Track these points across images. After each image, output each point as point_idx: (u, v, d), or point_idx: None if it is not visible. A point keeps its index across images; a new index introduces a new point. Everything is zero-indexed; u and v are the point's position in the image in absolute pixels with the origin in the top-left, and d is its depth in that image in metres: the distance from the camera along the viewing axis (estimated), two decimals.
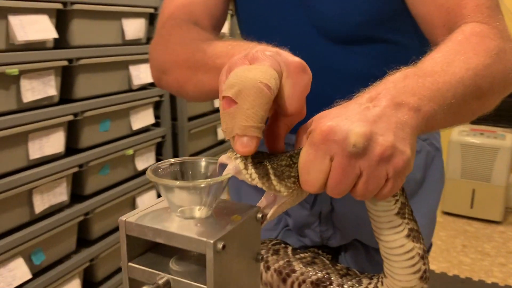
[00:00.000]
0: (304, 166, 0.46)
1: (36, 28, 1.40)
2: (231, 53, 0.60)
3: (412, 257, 0.54)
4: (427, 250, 0.94)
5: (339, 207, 0.85)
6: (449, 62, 0.55)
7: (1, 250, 1.36)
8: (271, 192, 0.49)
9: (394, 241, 0.54)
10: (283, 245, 0.71)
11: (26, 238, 1.44)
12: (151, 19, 1.91)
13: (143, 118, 1.91)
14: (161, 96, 1.99)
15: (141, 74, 1.85)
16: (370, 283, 0.62)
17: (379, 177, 0.45)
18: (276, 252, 0.69)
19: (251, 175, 0.45)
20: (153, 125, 1.99)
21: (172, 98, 2.06)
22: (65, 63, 1.53)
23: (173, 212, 0.46)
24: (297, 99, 0.49)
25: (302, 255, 0.69)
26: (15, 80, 1.39)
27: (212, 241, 0.41)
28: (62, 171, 1.55)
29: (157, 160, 2.02)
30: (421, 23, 0.71)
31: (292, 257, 0.68)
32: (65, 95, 1.60)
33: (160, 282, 0.43)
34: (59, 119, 1.52)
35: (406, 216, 0.54)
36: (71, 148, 1.65)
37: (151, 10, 1.87)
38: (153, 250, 0.49)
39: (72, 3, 1.51)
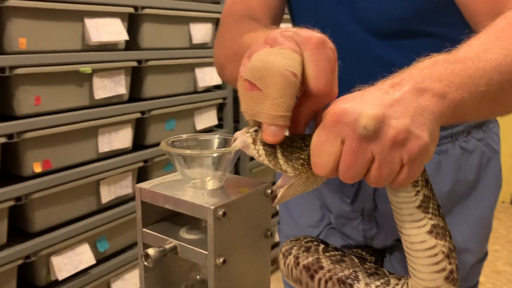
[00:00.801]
0: (315, 148, 0.46)
1: (109, 30, 1.51)
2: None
3: (435, 255, 0.51)
4: (482, 258, 0.88)
5: (382, 204, 0.83)
6: (487, 48, 0.53)
7: (70, 235, 1.47)
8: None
9: (415, 236, 0.51)
10: (315, 243, 0.71)
11: (92, 226, 1.54)
12: (218, 24, 1.98)
13: (206, 119, 1.97)
14: (224, 98, 2.05)
15: (206, 76, 1.92)
16: (397, 284, 0.60)
17: (392, 162, 0.44)
18: (307, 250, 0.69)
19: (258, 151, 0.46)
20: (216, 126, 2.06)
21: (235, 101, 2.11)
22: (135, 64, 1.63)
23: (186, 183, 0.49)
24: (323, 76, 0.47)
25: (332, 253, 0.68)
26: (88, 78, 1.50)
27: (212, 207, 0.42)
28: (128, 165, 1.64)
29: None
30: (465, 12, 0.69)
31: (322, 254, 0.68)
32: (134, 94, 1.70)
33: (167, 246, 0.46)
34: (127, 116, 1.62)
35: (430, 210, 0.51)
36: (138, 144, 1.74)
37: (218, 16, 1.94)
38: (168, 219, 0.51)
39: (143, 8, 1.61)
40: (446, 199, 0.80)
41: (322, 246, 0.70)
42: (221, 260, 0.43)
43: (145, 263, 0.44)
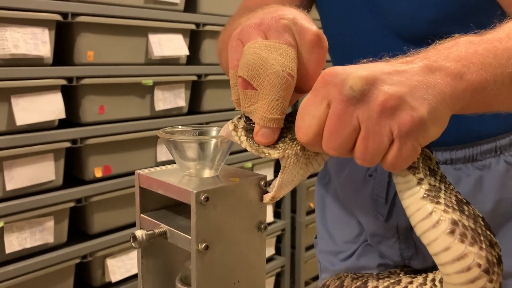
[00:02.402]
0: (300, 111, 0.42)
1: (171, 45, 1.59)
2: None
3: (468, 269, 0.39)
4: None
5: None
6: None
7: (125, 239, 1.53)
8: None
9: (435, 242, 0.41)
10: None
11: None
12: None
13: None
14: None
15: None
16: (411, 282, 0.55)
17: (380, 133, 0.39)
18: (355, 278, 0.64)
19: (240, 138, 0.46)
20: None
21: None
22: (195, 78, 1.69)
23: (183, 172, 0.50)
24: (311, 78, 0.45)
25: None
26: (150, 90, 1.58)
27: (195, 191, 0.43)
28: None
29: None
30: (505, 5, 0.64)
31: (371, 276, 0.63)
32: (193, 107, 1.76)
33: (157, 231, 0.47)
34: None
35: (442, 201, 0.42)
36: None
37: None
38: (169, 208, 0.52)
39: (204, 25, 1.68)
40: (490, 219, 0.73)
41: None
42: (204, 245, 0.43)
43: (133, 244, 0.45)
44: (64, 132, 1.37)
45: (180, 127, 0.51)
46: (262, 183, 0.48)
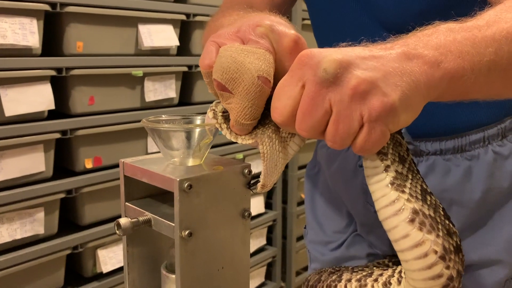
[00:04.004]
0: (276, 92, 0.43)
1: (161, 36, 1.58)
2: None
3: (425, 255, 0.41)
4: None
5: None
6: (500, 18, 0.48)
7: (111, 231, 1.53)
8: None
9: (396, 229, 0.42)
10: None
11: None
12: None
13: None
14: None
15: None
16: (381, 274, 0.55)
17: (350, 117, 0.40)
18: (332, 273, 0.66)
19: (220, 125, 0.46)
20: None
21: None
22: (185, 69, 1.69)
23: (167, 161, 0.50)
24: None
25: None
26: (140, 81, 1.58)
27: (178, 179, 0.43)
28: None
29: None
30: None
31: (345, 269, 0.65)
32: (184, 99, 1.76)
33: (141, 218, 0.47)
34: None
35: (407, 191, 0.43)
36: None
37: None
38: (154, 196, 0.53)
39: (195, 15, 1.67)
40: (478, 208, 0.74)
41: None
42: (187, 232, 0.44)
43: (117, 232, 0.46)
44: (54, 123, 1.36)
45: (163, 116, 0.51)
46: (246, 171, 0.48)
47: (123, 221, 0.45)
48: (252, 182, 0.49)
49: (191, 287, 0.45)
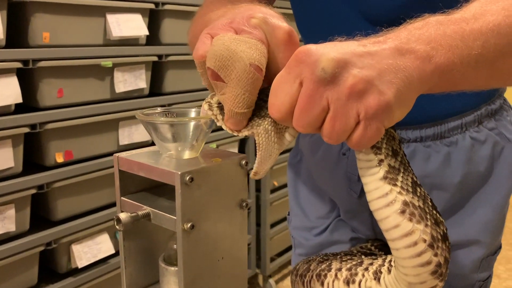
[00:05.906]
0: (273, 88, 0.43)
1: (130, 25, 1.55)
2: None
3: (414, 244, 0.43)
4: (495, 251, 0.85)
5: None
6: (486, 10, 0.49)
7: (90, 224, 1.51)
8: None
9: (387, 220, 0.44)
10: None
11: (112, 216, 1.57)
12: None
13: None
14: None
15: None
16: (371, 264, 0.57)
17: (347, 115, 0.41)
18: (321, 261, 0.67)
19: (216, 116, 0.47)
20: None
21: None
22: (155, 58, 1.66)
23: (163, 154, 0.50)
24: None
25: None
26: (109, 72, 1.54)
27: (179, 173, 0.43)
28: None
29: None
30: None
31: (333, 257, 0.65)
32: (155, 89, 1.74)
33: (140, 213, 0.47)
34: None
35: (399, 184, 0.45)
36: None
37: None
38: (149, 190, 0.53)
39: (164, 4, 1.64)
40: (457, 191, 0.77)
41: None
42: (189, 225, 0.44)
43: (117, 227, 0.45)
44: (22, 117, 1.32)
45: (158, 108, 0.51)
46: (243, 162, 0.49)
47: (123, 216, 0.45)
48: None
49: (193, 279, 0.45)
